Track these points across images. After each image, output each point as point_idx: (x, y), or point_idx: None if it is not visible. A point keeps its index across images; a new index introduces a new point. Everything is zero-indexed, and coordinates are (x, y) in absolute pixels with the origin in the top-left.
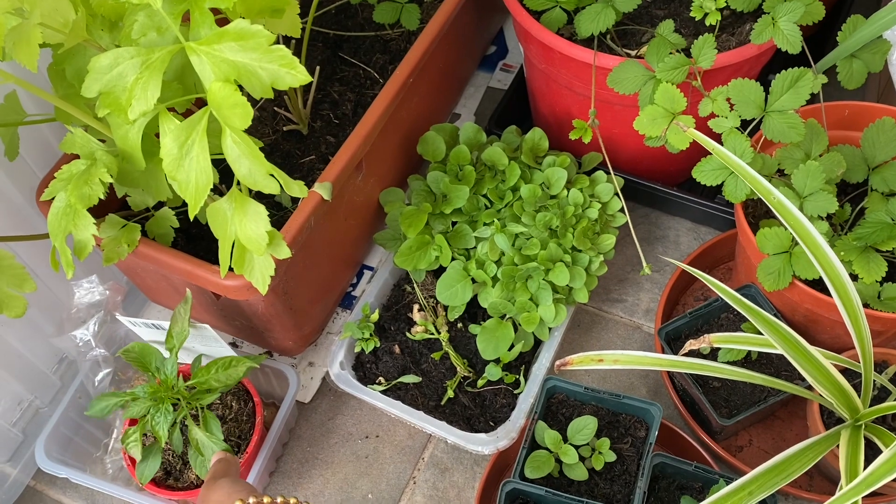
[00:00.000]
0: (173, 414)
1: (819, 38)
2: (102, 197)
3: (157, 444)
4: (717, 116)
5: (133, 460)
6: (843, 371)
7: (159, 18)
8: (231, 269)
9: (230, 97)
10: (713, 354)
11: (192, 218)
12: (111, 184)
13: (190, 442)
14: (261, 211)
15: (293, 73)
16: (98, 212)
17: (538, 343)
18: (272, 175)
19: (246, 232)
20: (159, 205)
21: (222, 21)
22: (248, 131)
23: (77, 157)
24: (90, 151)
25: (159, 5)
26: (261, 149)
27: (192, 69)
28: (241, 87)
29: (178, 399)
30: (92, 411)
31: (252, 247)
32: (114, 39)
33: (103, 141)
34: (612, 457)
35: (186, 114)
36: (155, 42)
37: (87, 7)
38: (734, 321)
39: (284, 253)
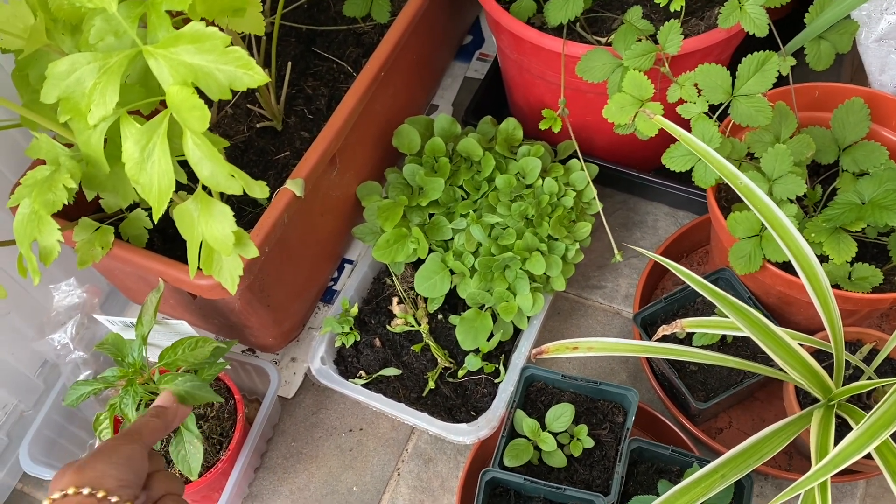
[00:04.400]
0: (141, 395)
1: (790, 20)
2: (66, 203)
3: None
4: (686, 102)
5: None
6: (817, 352)
7: (116, 22)
8: (201, 270)
9: (188, 100)
10: (689, 339)
11: (156, 221)
12: (81, 187)
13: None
14: (226, 211)
15: (250, 74)
16: (72, 214)
17: (517, 332)
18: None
19: (212, 233)
20: (133, 206)
21: (187, 21)
22: (222, 130)
23: (45, 162)
24: (55, 157)
25: (115, 9)
26: (235, 146)
27: None
28: (200, 91)
29: (154, 390)
30: (68, 401)
31: (219, 247)
32: (76, 43)
33: (71, 145)
34: (590, 443)
35: (154, 115)
36: (112, 46)
37: (46, 12)
38: (710, 305)
39: (252, 252)
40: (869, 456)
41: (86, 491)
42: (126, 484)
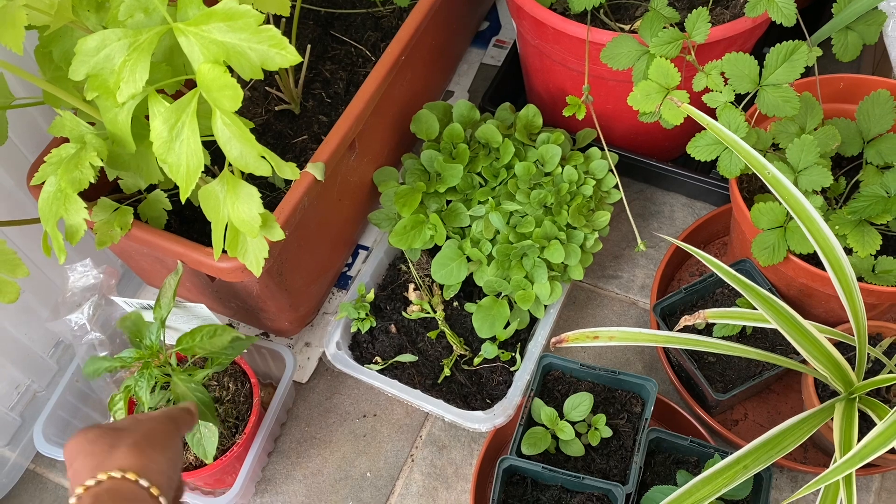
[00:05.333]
0: (156, 378)
1: (814, 10)
2: (93, 181)
3: None
4: (712, 91)
5: None
6: (837, 344)
7: None
8: (225, 252)
9: (219, 79)
10: (708, 330)
11: (183, 201)
12: (102, 167)
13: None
14: (253, 193)
15: (283, 54)
16: (90, 195)
17: (534, 320)
18: (264, 157)
19: (238, 214)
20: (151, 187)
21: (213, 2)
22: (240, 112)
23: (67, 140)
24: (80, 135)
25: None
26: (252, 129)
27: (181, 50)
28: (230, 69)
29: (169, 373)
30: (87, 370)
31: (245, 229)
32: (101, 21)
33: (93, 124)
34: (608, 432)
35: (176, 96)
36: (142, 23)
37: None
38: (729, 296)
39: (278, 235)
40: (892, 450)
41: (144, 482)
42: (174, 485)
